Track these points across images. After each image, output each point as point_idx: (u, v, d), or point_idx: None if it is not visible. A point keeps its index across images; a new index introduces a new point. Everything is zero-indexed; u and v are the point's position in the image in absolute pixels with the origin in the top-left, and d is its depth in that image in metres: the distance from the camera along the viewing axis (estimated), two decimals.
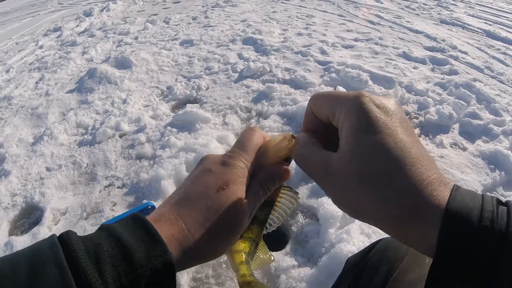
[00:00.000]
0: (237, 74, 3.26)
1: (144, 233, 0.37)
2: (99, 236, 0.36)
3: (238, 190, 0.44)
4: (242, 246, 0.52)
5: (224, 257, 1.50)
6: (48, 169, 2.25)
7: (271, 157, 0.49)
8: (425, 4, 5.55)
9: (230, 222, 0.43)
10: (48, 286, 0.30)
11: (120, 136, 2.51)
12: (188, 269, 1.45)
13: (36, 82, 3.63)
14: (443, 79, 2.97)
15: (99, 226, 0.39)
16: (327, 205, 1.62)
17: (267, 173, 0.49)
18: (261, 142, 0.50)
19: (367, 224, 0.41)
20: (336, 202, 0.40)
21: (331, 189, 0.39)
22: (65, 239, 0.34)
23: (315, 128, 0.45)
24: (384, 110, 0.37)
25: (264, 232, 0.55)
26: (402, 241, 0.37)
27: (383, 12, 5.13)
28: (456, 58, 3.42)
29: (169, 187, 1.87)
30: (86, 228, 1.75)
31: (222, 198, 0.43)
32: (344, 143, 0.37)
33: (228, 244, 0.45)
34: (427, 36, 4.07)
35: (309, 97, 2.13)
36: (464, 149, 2.19)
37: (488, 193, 1.83)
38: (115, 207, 1.88)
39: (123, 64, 3.62)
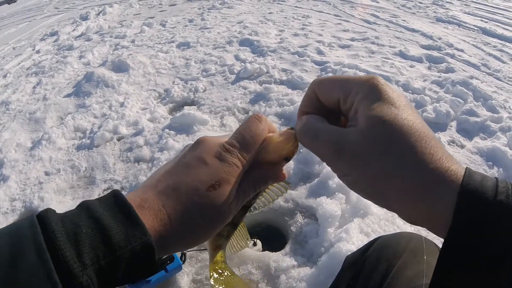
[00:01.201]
0: (234, 75, 3.26)
1: (123, 216, 0.36)
2: (79, 215, 0.36)
3: (230, 190, 0.43)
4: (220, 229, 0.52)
5: None
6: (46, 174, 2.25)
7: (271, 154, 0.47)
8: (421, 3, 5.56)
9: (216, 220, 0.43)
10: (27, 270, 0.30)
11: (118, 140, 2.51)
12: (188, 271, 1.45)
13: (34, 87, 3.63)
14: (439, 77, 2.98)
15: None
16: (326, 205, 1.62)
17: (262, 174, 0.47)
18: (264, 136, 0.48)
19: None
20: (349, 180, 0.40)
21: (344, 166, 0.39)
22: (44, 219, 0.33)
23: (313, 112, 0.45)
24: (397, 92, 0.39)
25: (248, 214, 0.53)
26: (415, 218, 0.37)
27: (379, 12, 5.15)
28: (452, 56, 3.43)
29: None
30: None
31: (212, 197, 0.42)
32: (364, 121, 0.37)
33: (209, 236, 0.44)
34: (423, 34, 4.08)
35: None
36: (462, 146, 2.20)
37: None
38: None
39: (120, 67, 3.62)
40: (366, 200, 0.49)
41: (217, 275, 0.52)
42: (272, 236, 1.71)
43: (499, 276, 0.31)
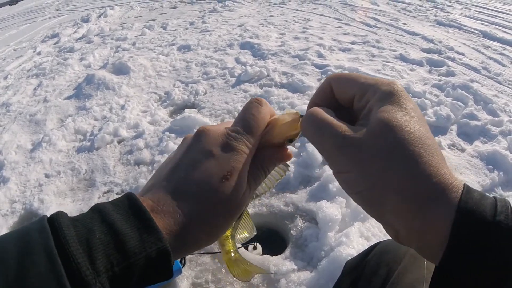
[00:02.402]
0: (235, 78, 3.27)
1: (138, 220, 0.35)
2: (91, 219, 0.34)
3: (242, 179, 0.41)
4: None
5: (224, 263, 1.50)
6: (46, 176, 2.25)
7: (276, 136, 0.46)
8: (422, 6, 5.57)
9: (232, 212, 0.41)
10: (37, 276, 0.29)
11: (119, 142, 2.51)
12: (187, 274, 1.45)
13: (34, 89, 3.63)
14: (440, 80, 2.98)
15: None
16: (326, 209, 1.62)
17: (269, 156, 0.46)
18: (267, 120, 0.46)
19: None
20: (346, 178, 0.38)
21: (344, 162, 0.38)
22: (55, 223, 0.32)
23: (325, 106, 0.44)
24: (413, 101, 0.39)
25: (250, 202, 0.52)
26: (405, 233, 0.36)
27: (379, 15, 5.15)
28: (453, 60, 3.43)
29: None
30: None
31: (226, 189, 0.40)
32: (375, 121, 0.37)
33: (225, 231, 0.43)
34: (424, 38, 4.09)
35: (306, 101, 2.13)
36: (462, 150, 2.20)
37: (486, 194, 1.84)
38: None
39: (121, 70, 3.63)
40: None
41: (232, 264, 0.52)
42: (272, 240, 1.71)
43: None
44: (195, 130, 0.46)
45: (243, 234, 0.54)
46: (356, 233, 1.50)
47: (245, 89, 3.03)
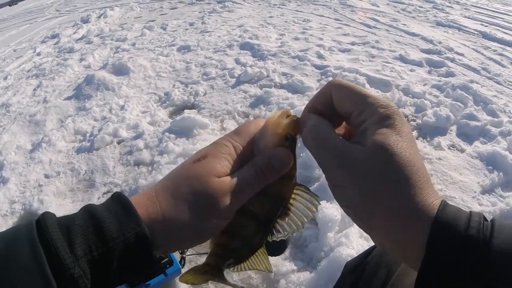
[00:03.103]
0: (235, 79, 3.26)
1: (118, 206, 0.37)
2: (76, 213, 0.37)
3: (216, 162, 0.42)
4: (224, 239, 0.45)
5: None
6: (46, 176, 2.25)
7: (270, 137, 0.44)
8: (421, 7, 5.57)
9: (203, 192, 0.40)
10: (20, 262, 0.30)
11: (118, 143, 2.51)
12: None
13: (34, 89, 3.63)
14: (440, 81, 2.98)
15: None
16: (326, 209, 1.62)
17: (262, 155, 0.44)
18: (259, 125, 0.46)
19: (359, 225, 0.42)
20: (340, 192, 0.41)
21: (340, 178, 0.40)
22: (41, 218, 0.34)
23: (323, 110, 0.45)
24: (407, 125, 0.41)
25: (269, 239, 0.46)
26: (391, 246, 0.39)
27: (379, 16, 5.16)
28: (452, 60, 3.43)
29: None
30: None
31: (197, 167, 0.41)
32: (371, 142, 0.39)
33: (206, 226, 0.41)
34: (424, 38, 4.09)
35: (306, 101, 2.12)
36: (462, 150, 2.20)
37: (486, 194, 1.84)
38: None
39: (120, 70, 3.63)
40: None
41: (198, 274, 0.48)
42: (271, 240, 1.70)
43: None
44: (194, 131, 0.48)
45: (255, 267, 0.48)
46: (356, 233, 1.50)
47: (244, 90, 3.03)
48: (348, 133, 0.47)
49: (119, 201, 0.37)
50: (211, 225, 0.41)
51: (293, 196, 0.45)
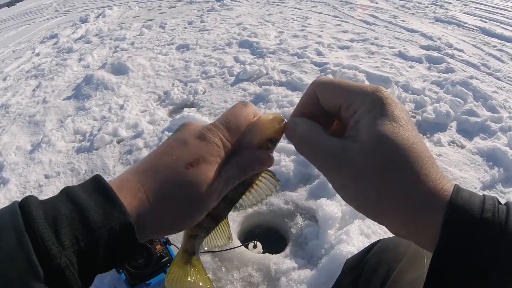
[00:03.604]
0: (234, 77, 3.26)
1: (102, 196, 0.37)
2: (58, 200, 0.36)
3: (208, 169, 0.42)
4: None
5: (224, 262, 1.50)
6: (46, 177, 2.25)
7: (256, 136, 0.46)
8: (420, 3, 5.56)
9: (194, 200, 0.41)
10: (6, 252, 0.30)
11: (118, 142, 2.51)
12: None
13: (33, 90, 3.63)
14: (439, 77, 2.98)
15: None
16: (326, 207, 1.62)
17: (247, 156, 0.45)
18: (250, 120, 0.47)
19: (370, 221, 0.41)
20: (345, 193, 0.40)
21: (343, 179, 0.39)
22: (25, 205, 0.34)
23: (311, 112, 0.44)
24: (400, 108, 0.39)
25: (232, 211, 0.51)
26: (403, 233, 0.38)
27: (378, 12, 5.14)
28: (452, 56, 3.43)
29: None
30: None
31: (189, 174, 0.41)
32: (366, 136, 0.38)
33: (190, 221, 0.43)
34: (423, 35, 4.08)
35: None
36: (462, 146, 2.19)
37: (486, 190, 1.84)
38: None
39: (119, 70, 3.62)
40: None
41: (178, 266, 0.49)
42: (272, 238, 1.70)
43: None
44: None
45: (217, 241, 0.52)
46: (356, 230, 1.50)
47: (244, 88, 3.03)
48: (341, 129, 0.45)
49: (102, 190, 0.37)
50: (196, 217, 0.43)
51: (260, 178, 0.49)
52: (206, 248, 0.52)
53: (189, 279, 0.48)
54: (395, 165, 0.36)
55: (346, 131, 0.41)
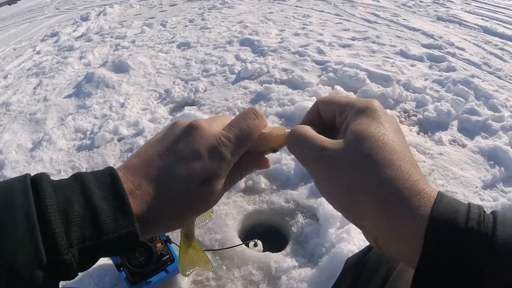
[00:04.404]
0: (235, 75, 3.26)
1: (116, 201, 0.37)
2: (72, 189, 0.37)
3: (219, 184, 0.44)
4: None
5: (225, 260, 1.50)
6: None
7: (262, 147, 0.49)
8: (422, 2, 5.55)
9: (200, 212, 0.45)
10: (16, 239, 0.31)
11: (119, 140, 2.51)
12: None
13: (34, 88, 3.62)
14: (441, 76, 2.97)
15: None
16: (327, 205, 1.62)
17: (249, 162, 0.49)
18: (259, 133, 0.48)
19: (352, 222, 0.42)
20: (322, 186, 0.41)
21: (320, 171, 0.40)
22: (38, 189, 0.34)
23: (312, 125, 0.46)
24: (389, 115, 0.41)
25: None
26: (382, 238, 0.37)
27: (379, 11, 5.13)
28: (453, 55, 3.42)
29: None
30: None
31: (203, 193, 0.42)
32: (350, 132, 0.39)
33: (189, 222, 0.48)
34: (424, 33, 4.07)
35: (306, 97, 2.15)
36: (463, 145, 2.19)
37: (487, 189, 1.83)
38: None
39: (120, 68, 3.62)
40: None
41: (184, 253, 0.55)
42: (273, 237, 1.71)
43: None
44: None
45: (203, 218, 0.56)
46: (357, 229, 1.49)
47: (245, 86, 3.02)
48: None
49: (117, 194, 0.37)
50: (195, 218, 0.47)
51: None
52: (200, 225, 0.57)
53: (193, 260, 0.55)
54: (375, 160, 0.36)
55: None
